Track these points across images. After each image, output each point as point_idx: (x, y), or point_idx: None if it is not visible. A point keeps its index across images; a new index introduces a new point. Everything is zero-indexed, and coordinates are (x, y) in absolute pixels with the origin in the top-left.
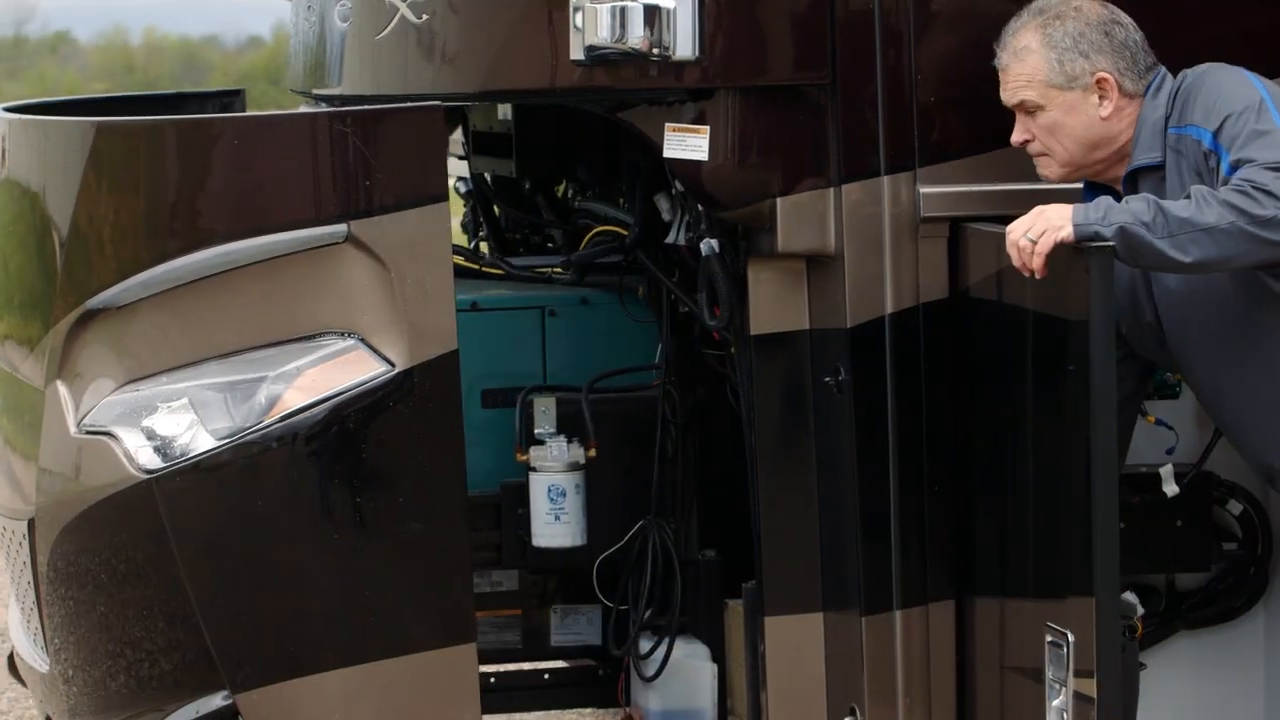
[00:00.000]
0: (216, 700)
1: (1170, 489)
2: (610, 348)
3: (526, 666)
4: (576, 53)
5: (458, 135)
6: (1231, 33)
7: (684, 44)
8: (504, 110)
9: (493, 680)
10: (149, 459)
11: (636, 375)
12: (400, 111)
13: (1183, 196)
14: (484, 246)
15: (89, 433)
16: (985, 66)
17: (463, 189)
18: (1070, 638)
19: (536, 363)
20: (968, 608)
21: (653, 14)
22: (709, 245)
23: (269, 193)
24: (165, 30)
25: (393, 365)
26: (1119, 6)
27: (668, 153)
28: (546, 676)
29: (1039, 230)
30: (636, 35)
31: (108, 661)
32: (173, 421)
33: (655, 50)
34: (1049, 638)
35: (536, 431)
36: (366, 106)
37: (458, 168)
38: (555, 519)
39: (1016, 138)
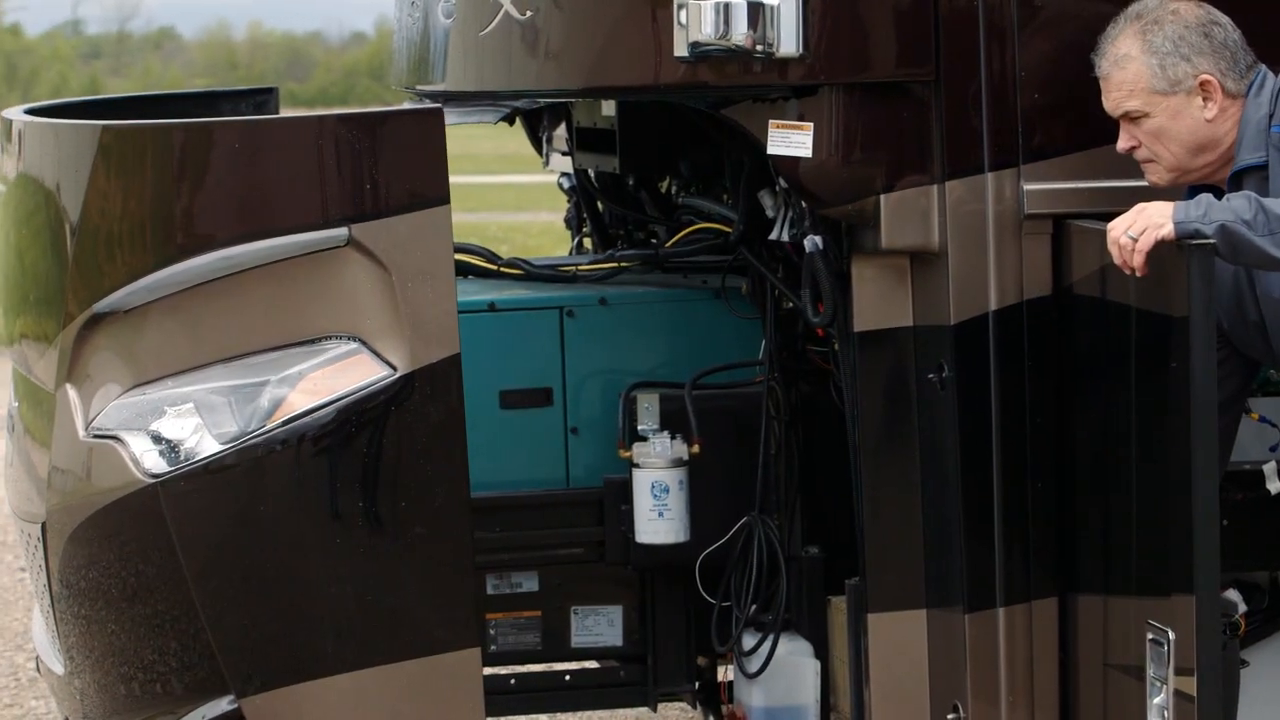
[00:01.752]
0: (223, 705)
1: (1274, 486)
2: (629, 348)
3: (546, 668)
4: (681, 49)
5: (561, 131)
6: None
7: (788, 41)
8: (608, 106)
9: (513, 682)
10: (154, 463)
11: (740, 371)
12: (401, 114)
13: None
14: (588, 242)
15: (97, 436)
16: (1089, 62)
17: (566, 184)
18: (1171, 635)
19: (555, 363)
20: (1071, 605)
21: (757, 11)
22: (813, 242)
23: (271, 196)
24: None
25: (395, 369)
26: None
27: (771, 149)
28: (567, 678)
29: (1140, 228)
30: (740, 32)
31: (116, 666)
32: (178, 426)
33: (759, 47)
34: (1150, 635)
35: (639, 428)
36: (368, 110)
37: (561, 163)
38: (659, 515)
39: (1122, 145)
